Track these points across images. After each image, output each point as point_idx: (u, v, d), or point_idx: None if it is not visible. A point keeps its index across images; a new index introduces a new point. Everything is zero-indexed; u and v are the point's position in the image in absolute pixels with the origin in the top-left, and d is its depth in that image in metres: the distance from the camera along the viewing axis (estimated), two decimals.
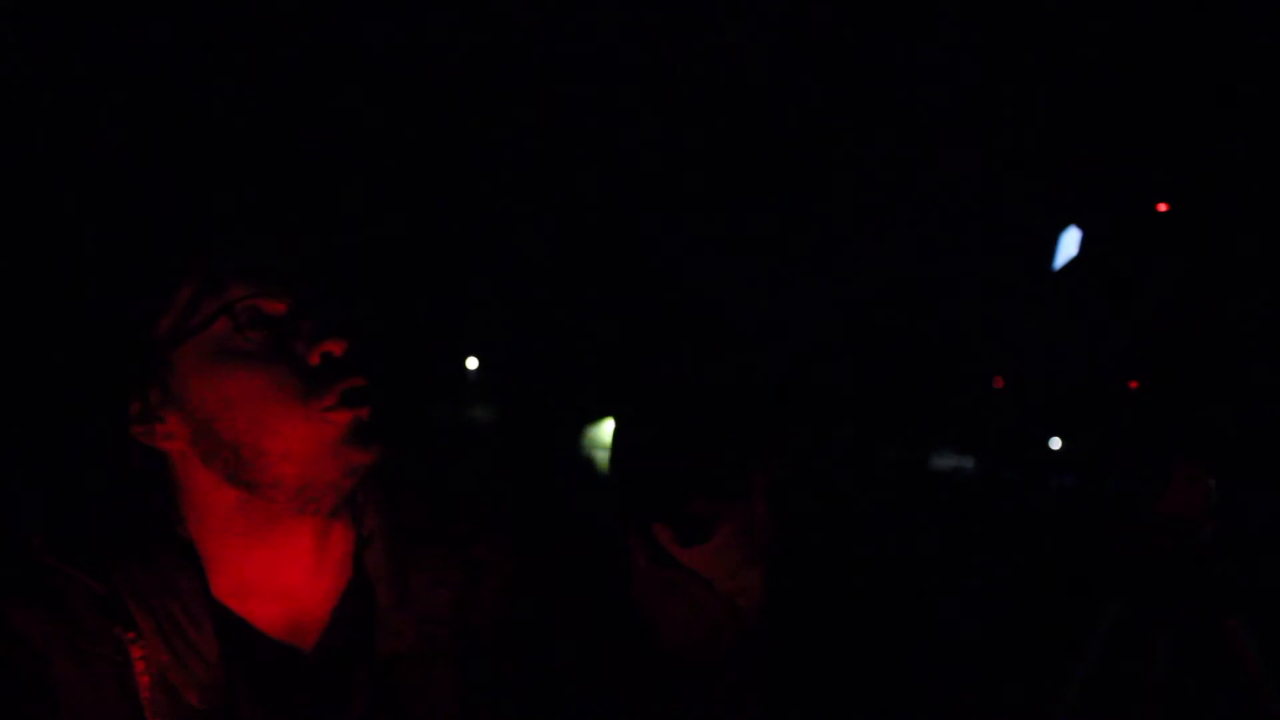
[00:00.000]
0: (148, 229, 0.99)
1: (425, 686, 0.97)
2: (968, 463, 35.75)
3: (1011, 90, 31.43)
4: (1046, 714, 3.04)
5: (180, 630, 0.91)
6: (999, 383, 33.65)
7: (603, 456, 33.05)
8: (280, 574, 0.96)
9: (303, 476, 0.92)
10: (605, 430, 35.40)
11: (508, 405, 33.29)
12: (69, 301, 0.96)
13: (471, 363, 33.82)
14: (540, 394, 33.75)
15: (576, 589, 1.08)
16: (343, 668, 0.96)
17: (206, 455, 0.93)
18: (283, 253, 0.97)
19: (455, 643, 0.99)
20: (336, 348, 0.93)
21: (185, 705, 0.89)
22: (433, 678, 0.98)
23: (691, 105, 35.02)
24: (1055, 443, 35.51)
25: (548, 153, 34.09)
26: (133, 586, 0.92)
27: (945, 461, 35.43)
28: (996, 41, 32.12)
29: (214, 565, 0.95)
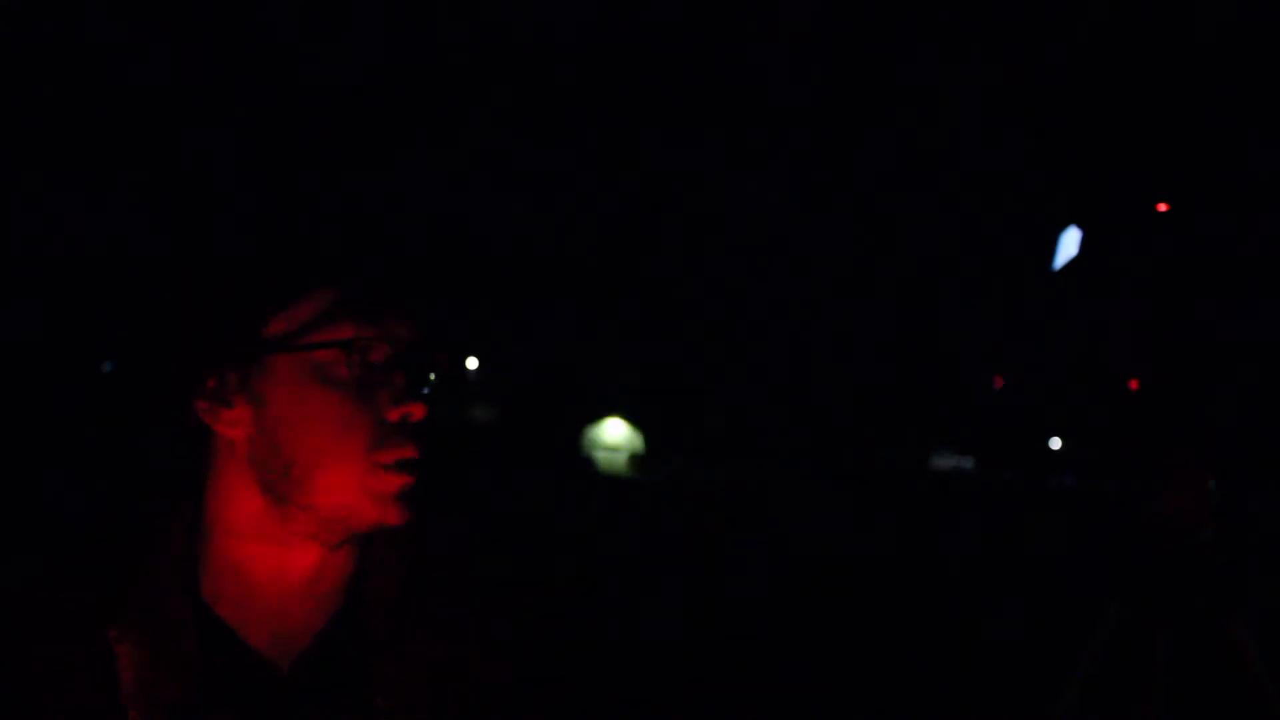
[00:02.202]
0: (290, 228, 1.02)
1: None
2: (968, 463, 35.74)
3: (1013, 89, 31.44)
4: (1046, 714, 3.04)
5: (162, 629, 0.95)
6: (999, 382, 33.59)
7: (603, 456, 33.01)
8: (278, 588, 0.99)
9: (335, 511, 0.96)
10: (605, 430, 35.33)
11: (508, 405, 33.25)
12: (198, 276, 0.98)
13: (471, 363, 33.79)
14: (540, 394, 33.71)
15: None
16: (321, 693, 0.98)
17: (256, 456, 0.96)
18: (407, 304, 1.01)
19: (439, 702, 1.00)
20: (418, 411, 0.97)
21: (162, 701, 0.93)
22: None
23: (691, 107, 35.04)
24: (1055, 443, 35.50)
25: (547, 151, 34.10)
26: (125, 585, 0.96)
27: (945, 461, 35.43)
28: (998, 41, 32.14)
29: (214, 565, 0.98)
